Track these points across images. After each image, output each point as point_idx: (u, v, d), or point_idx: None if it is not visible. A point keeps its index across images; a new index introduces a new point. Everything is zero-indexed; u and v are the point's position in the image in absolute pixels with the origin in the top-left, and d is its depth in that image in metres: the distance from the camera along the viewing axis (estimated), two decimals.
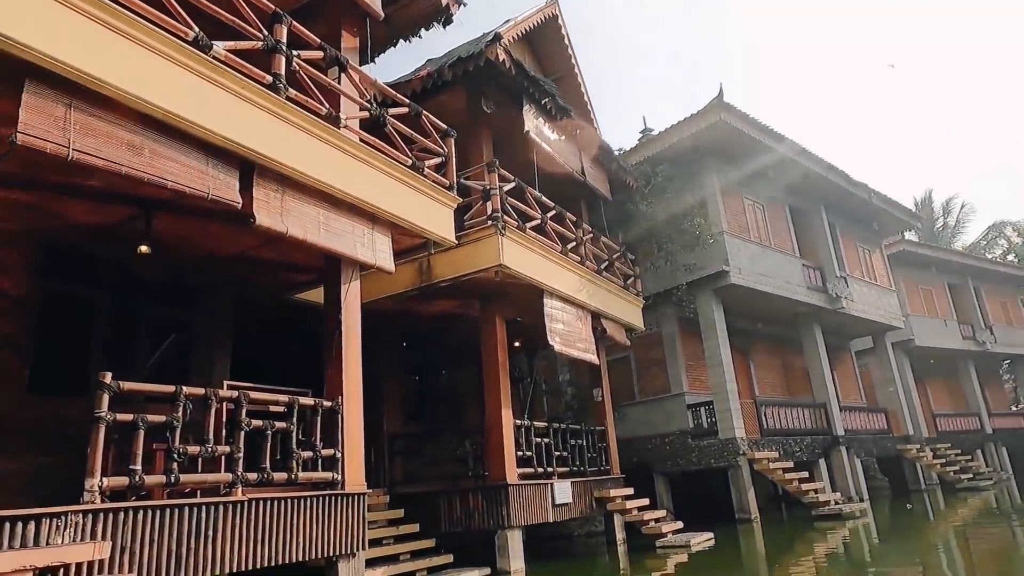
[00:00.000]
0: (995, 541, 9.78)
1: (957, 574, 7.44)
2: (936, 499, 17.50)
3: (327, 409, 6.25)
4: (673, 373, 15.53)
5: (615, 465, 11.66)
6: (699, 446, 14.62)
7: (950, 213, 42.17)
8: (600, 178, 12.57)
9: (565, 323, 9.89)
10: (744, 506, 13.68)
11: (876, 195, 19.35)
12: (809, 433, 16.32)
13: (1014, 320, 29.47)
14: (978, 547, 9.35)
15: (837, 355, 21.61)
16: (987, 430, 25.43)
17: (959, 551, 9.08)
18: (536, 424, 9.75)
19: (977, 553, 8.77)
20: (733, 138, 15.09)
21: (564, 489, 9.78)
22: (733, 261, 14.81)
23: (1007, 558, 8.30)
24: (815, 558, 9.10)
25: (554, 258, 9.93)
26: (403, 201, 6.93)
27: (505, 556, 8.41)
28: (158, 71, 4.72)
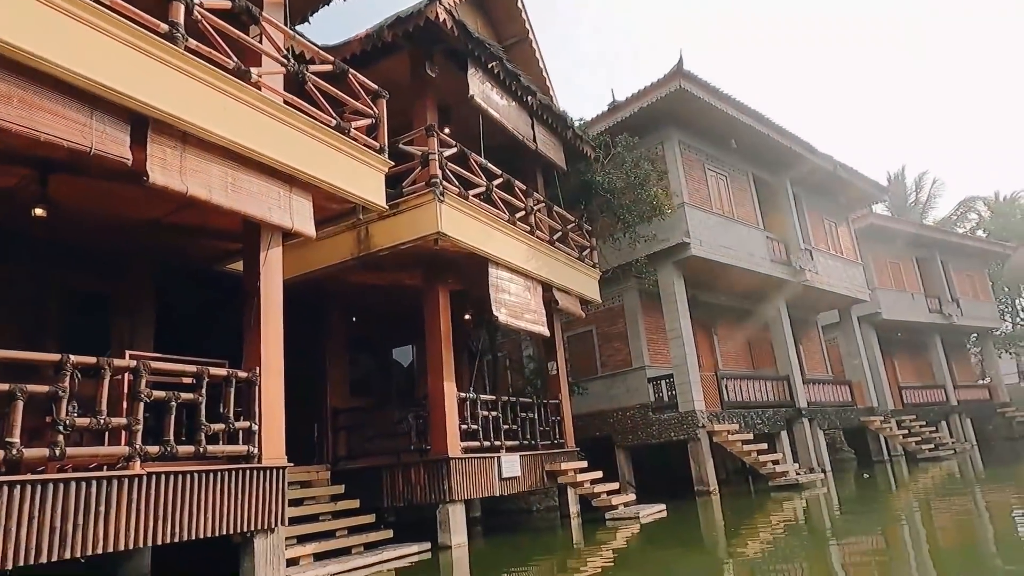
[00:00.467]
0: (942, 508, 9.80)
1: (897, 539, 7.39)
2: (898, 470, 17.67)
3: (242, 380, 5.98)
4: (635, 347, 15.41)
5: (569, 438, 11.52)
6: (659, 419, 14.54)
7: (922, 188, 42.47)
8: (554, 147, 12.27)
9: (512, 294, 9.65)
10: (703, 479, 13.65)
11: (842, 167, 19.25)
12: (771, 406, 16.33)
13: (981, 294, 29.79)
14: (924, 514, 9.35)
15: (803, 329, 21.66)
16: (952, 402, 25.75)
17: (905, 518, 9.07)
18: (483, 397, 9.55)
19: (922, 520, 8.76)
20: (694, 107, 14.84)
21: (512, 463, 9.62)
22: (694, 233, 14.64)
23: (950, 524, 8.29)
24: (761, 528, 9.04)
25: (501, 227, 9.66)
26: (326, 164, 6.60)
27: (446, 531, 8.24)
28: (30, 16, 4.35)
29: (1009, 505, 9.80)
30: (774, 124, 16.48)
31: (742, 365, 18.26)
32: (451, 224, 8.40)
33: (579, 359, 16.64)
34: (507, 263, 9.68)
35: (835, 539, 7.74)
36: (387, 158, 7.42)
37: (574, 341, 16.83)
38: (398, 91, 10.04)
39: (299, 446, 9.72)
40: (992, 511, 9.19)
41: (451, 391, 8.80)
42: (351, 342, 10.88)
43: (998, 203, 37.55)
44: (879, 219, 24.10)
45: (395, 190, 8.59)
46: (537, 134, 11.59)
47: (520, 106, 11.09)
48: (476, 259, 9.21)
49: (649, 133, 15.33)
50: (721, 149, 16.59)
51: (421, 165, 8.50)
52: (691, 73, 14.04)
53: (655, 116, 14.99)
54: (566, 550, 8.45)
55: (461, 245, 8.64)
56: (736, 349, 18.36)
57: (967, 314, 27.60)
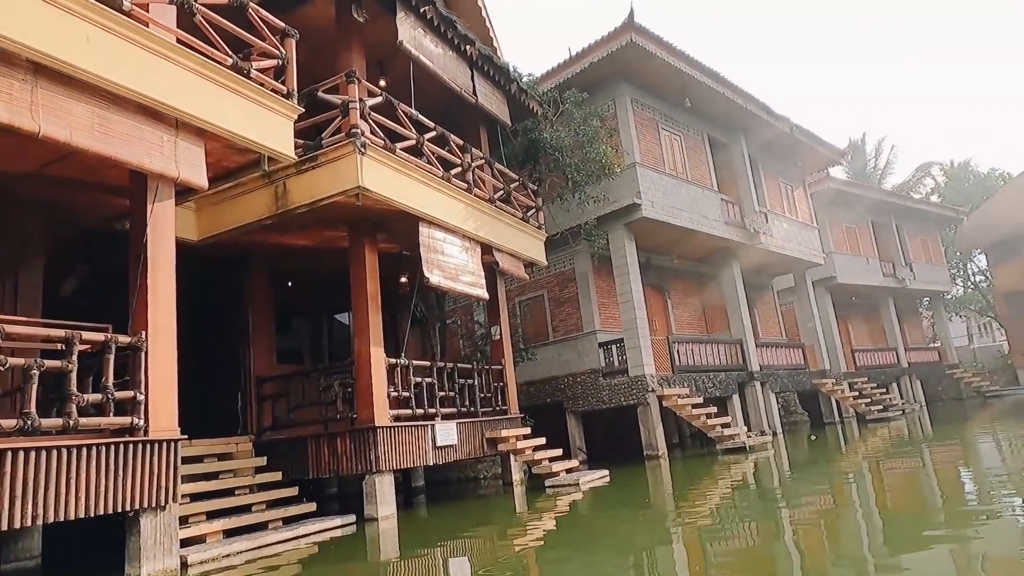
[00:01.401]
0: (882, 469, 9.74)
1: (831, 499, 7.23)
2: (848, 431, 17.84)
3: (125, 346, 5.42)
4: (586, 311, 15.09)
5: (513, 405, 11.18)
6: (610, 384, 14.32)
7: (881, 154, 42.76)
8: (498, 102, 11.67)
9: (448, 255, 9.15)
10: (652, 443, 13.51)
11: (798, 129, 19.00)
12: (723, 369, 16.24)
13: (933, 258, 30.22)
14: (862, 475, 9.27)
15: (759, 292, 21.63)
16: (903, 364, 26.20)
17: (845, 478, 8.98)
18: (416, 363, 9.10)
19: (860, 478, 8.66)
20: (646, 63, 14.32)
21: (448, 431, 9.24)
22: (646, 194, 14.26)
23: (890, 483, 8.18)
24: (700, 491, 8.85)
25: (434, 184, 9.11)
26: (221, 107, 5.96)
27: (373, 502, 7.84)
28: None
29: (947, 463, 9.80)
30: (729, 83, 16.07)
31: (696, 329, 18.13)
32: (374, 179, 7.83)
33: (531, 324, 16.30)
34: (442, 222, 9.16)
35: (773, 500, 7.56)
36: (297, 104, 6.79)
37: (526, 306, 16.47)
38: (322, 37, 9.38)
39: (222, 417, 9.26)
40: (930, 470, 9.14)
41: (379, 357, 8.33)
42: (281, 307, 10.29)
43: (953, 169, 38.00)
44: (837, 183, 24.07)
45: (315, 143, 7.97)
46: (478, 87, 10.98)
47: (458, 56, 10.45)
48: (407, 217, 8.68)
49: (601, 90, 14.81)
50: (676, 108, 16.15)
51: (341, 115, 7.87)
52: (642, 27, 13.50)
53: (607, 72, 14.46)
54: (500, 520, 8.13)
55: (387, 202, 8.09)
56: (690, 313, 18.20)
57: (920, 278, 27.98)
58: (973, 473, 8.43)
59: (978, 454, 10.74)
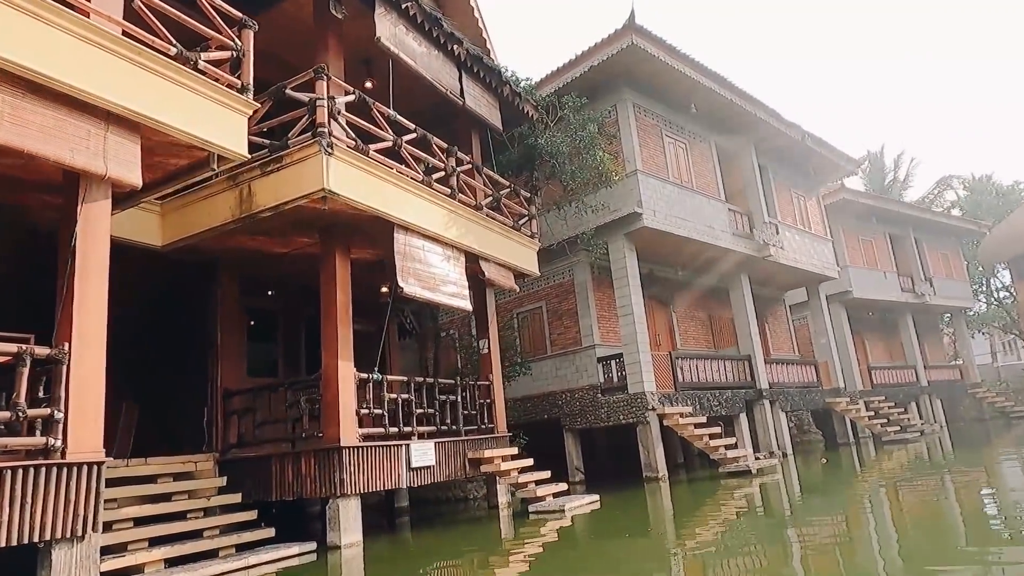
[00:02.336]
0: (893, 499, 9.00)
1: (833, 534, 6.54)
2: (862, 452, 16.99)
3: (43, 359, 4.92)
4: (584, 324, 14.48)
5: (500, 423, 10.58)
6: (609, 401, 13.67)
7: (900, 167, 41.75)
8: (488, 105, 11.17)
9: (427, 263, 8.62)
10: (652, 464, 12.82)
11: (810, 137, 18.31)
12: (730, 387, 15.51)
13: (955, 273, 29.20)
14: (877, 501, 8.54)
15: (770, 307, 20.88)
16: (923, 383, 25.20)
17: (849, 504, 8.26)
18: (390, 378, 8.55)
19: (872, 507, 7.95)
20: (649, 67, 13.77)
21: (425, 451, 8.66)
22: (647, 203, 13.65)
23: (899, 517, 7.46)
24: (694, 522, 8.18)
25: (413, 188, 8.60)
26: (162, 100, 5.49)
27: (336, 529, 7.27)
28: None
29: (968, 491, 9.04)
30: (736, 87, 15.46)
31: (703, 344, 17.43)
32: (342, 181, 7.33)
33: (529, 337, 15.73)
34: (421, 229, 8.64)
35: (769, 532, 6.88)
36: (253, 99, 6.32)
37: (524, 318, 15.91)
38: (300, 36, 8.96)
39: (191, 432, 8.76)
40: (950, 502, 8.40)
41: (347, 371, 7.79)
42: (256, 316, 9.82)
43: (974, 182, 36.92)
44: (851, 194, 23.24)
45: (281, 143, 7.50)
46: (466, 88, 10.49)
47: (445, 56, 9.97)
48: (382, 223, 8.16)
49: (602, 95, 14.28)
50: (681, 114, 15.57)
51: (308, 113, 7.39)
52: (644, 28, 12.96)
53: (608, 76, 13.93)
54: (473, 549, 7.52)
55: (358, 206, 7.58)
56: (697, 328, 17.50)
57: (940, 293, 27.00)
58: (999, 503, 7.69)
59: (1003, 481, 9.96)
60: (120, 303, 8.71)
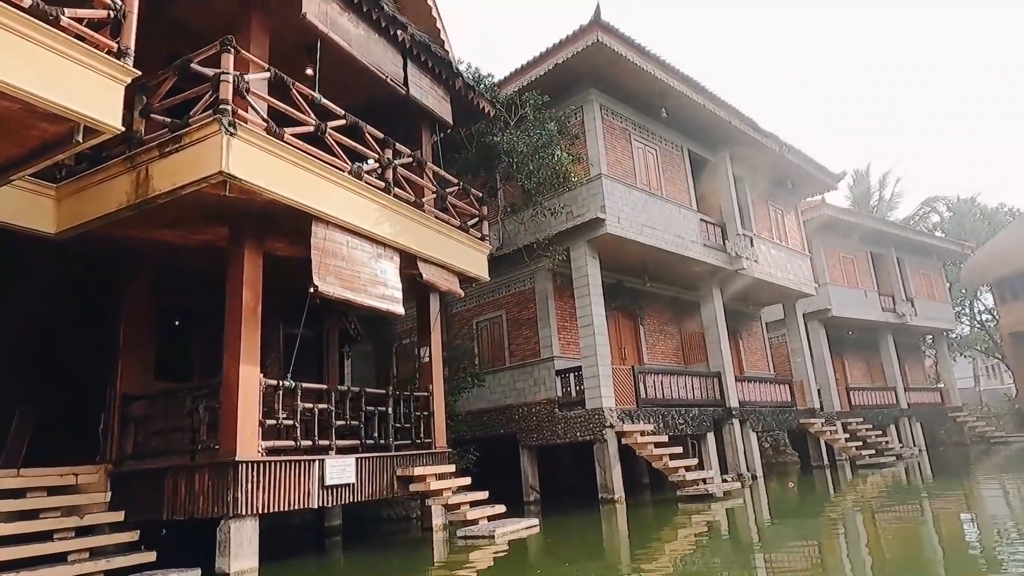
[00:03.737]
0: (853, 529, 8.28)
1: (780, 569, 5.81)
2: (836, 477, 16.29)
3: None
4: (544, 335, 13.74)
5: (440, 438, 9.80)
6: (566, 417, 12.92)
7: (886, 186, 41.51)
8: (438, 98, 10.49)
9: (351, 260, 7.88)
10: (608, 485, 12.05)
11: (789, 148, 17.76)
12: (697, 405, 14.79)
13: (937, 294, 28.72)
14: (828, 537, 7.82)
15: (746, 323, 20.25)
16: (902, 405, 24.60)
17: (806, 542, 7.54)
18: (305, 386, 7.76)
19: (820, 546, 7.22)
20: (617, 67, 13.15)
21: (343, 467, 7.87)
22: (612, 208, 12.98)
23: (850, 552, 6.74)
24: (636, 554, 7.43)
25: (339, 179, 7.87)
26: (13, 59, 4.75)
27: (226, 554, 6.45)
28: None
29: (941, 525, 8.33)
30: (711, 93, 14.88)
31: (672, 359, 16.73)
32: (248, 165, 6.59)
33: (488, 347, 14.98)
34: (346, 223, 7.90)
35: (707, 569, 6.14)
36: (133, 66, 5.57)
37: (483, 327, 15.17)
38: (225, 17, 8.25)
39: (88, 441, 7.94)
40: (919, 534, 7.69)
41: (250, 377, 7.01)
42: (171, 315, 9.03)
43: (958, 203, 36.64)
44: (833, 210, 22.71)
45: (183, 121, 6.77)
46: (412, 78, 9.81)
47: (387, 41, 9.30)
48: (299, 215, 7.42)
49: (568, 96, 13.66)
50: (652, 119, 14.96)
51: (212, 90, 6.67)
52: (610, 25, 12.34)
53: (574, 76, 13.30)
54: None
55: (269, 194, 6.84)
56: (666, 342, 16.80)
57: (921, 314, 26.49)
58: (972, 534, 6.99)
59: (980, 510, 9.28)
60: (13, 297, 7.97)
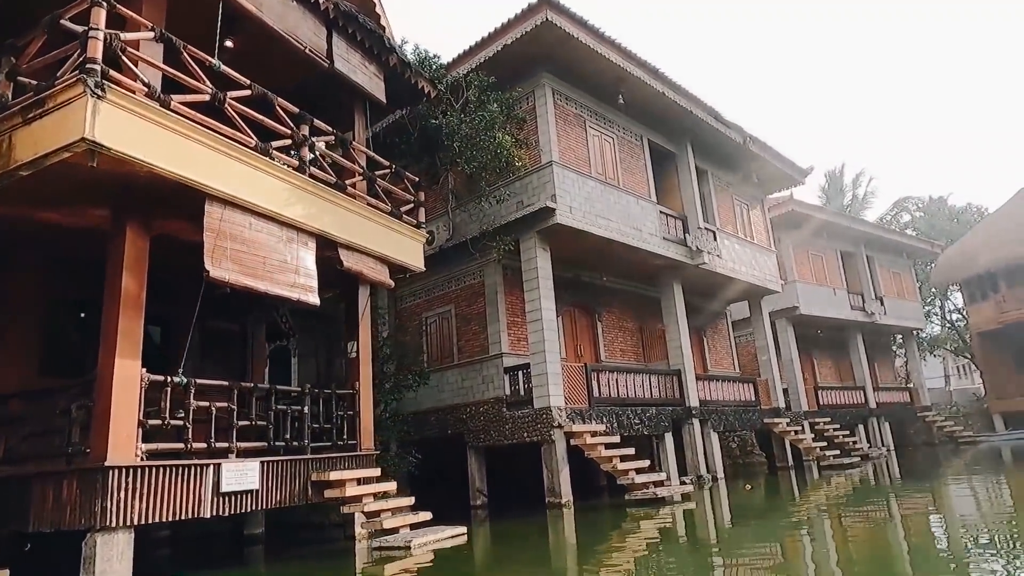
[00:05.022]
0: (806, 536, 7.72)
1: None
2: (800, 478, 15.81)
3: None
4: (493, 331, 13.09)
5: (366, 439, 9.09)
6: (513, 416, 12.29)
7: (859, 186, 41.46)
8: (370, 75, 9.79)
9: (253, 244, 7.16)
10: (556, 489, 11.43)
11: (753, 140, 17.27)
12: (655, 404, 14.23)
13: (907, 293, 28.51)
14: (777, 547, 7.25)
15: (711, 320, 19.78)
16: (871, 405, 24.29)
17: (753, 551, 6.96)
18: (200, 381, 7.02)
19: (764, 556, 6.64)
20: (570, 50, 12.52)
21: (244, 472, 7.14)
22: (563, 198, 12.35)
23: (797, 561, 6.16)
24: (568, 567, 6.79)
25: (241, 155, 7.15)
26: None
27: (91, 571, 5.71)
28: None
29: (894, 536, 7.80)
30: (670, 80, 14.32)
31: (631, 357, 16.16)
32: (122, 134, 5.85)
33: (438, 344, 14.29)
34: (249, 204, 7.18)
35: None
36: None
37: (432, 323, 14.48)
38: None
39: None
40: (867, 547, 7.13)
41: (129, 372, 6.26)
42: (58, 307, 8.23)
43: (929, 203, 36.61)
44: (801, 207, 22.33)
45: (48, 83, 6.01)
46: (338, 51, 9.10)
47: (306, 8, 8.58)
48: (193, 193, 6.69)
49: (520, 79, 13.00)
50: (609, 107, 14.36)
51: (80, 48, 5.91)
52: (560, 4, 11.69)
53: (525, 58, 12.64)
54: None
55: (147, 167, 6.11)
56: (625, 339, 16.23)
57: (891, 313, 26.24)
58: (930, 542, 6.44)
59: (939, 517, 8.77)
60: None
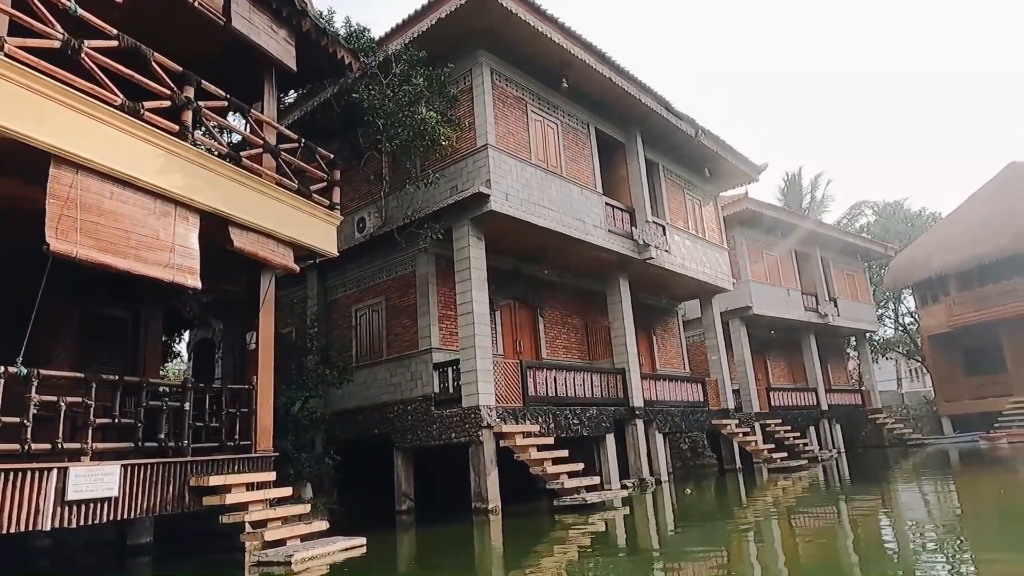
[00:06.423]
0: (735, 547, 7.11)
1: None
2: (755, 480, 15.34)
3: None
4: (423, 324, 12.28)
5: (263, 439, 8.20)
6: (442, 415, 11.50)
7: (818, 188, 41.65)
8: (281, 41, 8.90)
9: (114, 216, 6.25)
10: (483, 493, 10.68)
11: (705, 133, 16.75)
12: (596, 404, 13.58)
13: (860, 295, 28.49)
14: (703, 559, 6.61)
15: (661, 318, 19.25)
16: (823, 406, 24.10)
17: (674, 564, 6.31)
18: (45, 373, 6.08)
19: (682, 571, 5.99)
20: (512, 28, 11.74)
21: (99, 476, 6.22)
22: (499, 184, 11.60)
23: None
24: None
25: (101, 113, 6.24)
26: None
27: None
28: None
29: (834, 541, 7.24)
30: (618, 66, 13.68)
31: (575, 355, 15.50)
32: None
33: (367, 338, 13.43)
34: (111, 170, 6.27)
35: None
36: None
37: (362, 316, 13.61)
38: None
39: None
40: (804, 553, 6.54)
41: None
42: None
43: (884, 207, 36.88)
44: (755, 205, 21.96)
45: None
46: (237, 9, 8.21)
47: None
48: (37, 155, 5.77)
49: (458, 57, 12.19)
50: (554, 91, 13.65)
51: None
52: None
53: (463, 35, 11.85)
54: None
55: None
56: (569, 335, 15.56)
57: (844, 315, 26.14)
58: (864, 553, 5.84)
59: (873, 524, 8.25)
60: None
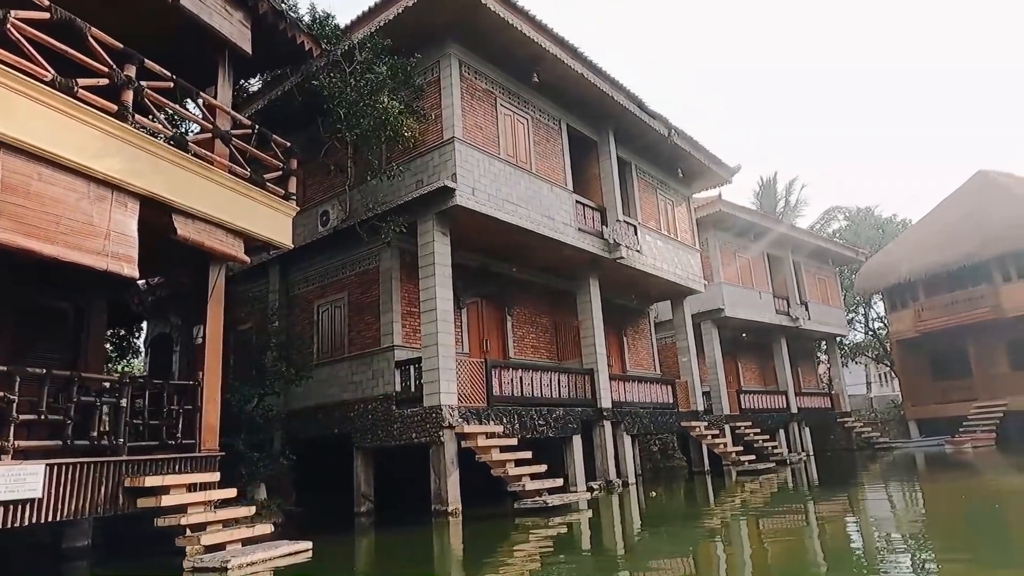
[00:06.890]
0: (697, 553, 6.91)
1: None
2: (716, 483, 15.24)
3: None
4: (386, 321, 11.95)
5: (209, 438, 7.83)
6: (403, 415, 11.19)
7: (792, 193, 41.96)
8: (235, 22, 8.54)
9: (42, 199, 5.87)
10: (443, 495, 10.38)
11: (679, 133, 16.63)
12: (563, 404, 13.34)
13: (831, 299, 28.69)
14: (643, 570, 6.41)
15: (632, 319, 19.13)
16: (793, 409, 24.16)
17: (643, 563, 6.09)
18: None
19: None
20: (478, 19, 11.46)
21: (21, 477, 5.83)
22: (465, 178, 11.33)
23: None
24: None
25: (30, 91, 5.85)
26: None
27: None
28: None
29: (798, 546, 7.07)
30: (590, 62, 13.47)
31: (543, 355, 15.27)
32: None
33: (329, 335, 13.07)
34: (40, 151, 5.89)
35: None
36: None
37: (325, 312, 13.24)
38: None
39: None
40: (769, 558, 6.36)
41: None
42: None
43: (855, 213, 37.26)
44: (728, 207, 21.92)
45: None
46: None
47: None
48: None
49: (426, 48, 11.89)
50: (525, 86, 13.41)
51: None
52: None
53: (431, 25, 11.53)
54: None
55: None
56: (538, 335, 15.33)
57: (815, 319, 26.26)
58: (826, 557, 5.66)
59: (837, 527, 8.12)
60: None
